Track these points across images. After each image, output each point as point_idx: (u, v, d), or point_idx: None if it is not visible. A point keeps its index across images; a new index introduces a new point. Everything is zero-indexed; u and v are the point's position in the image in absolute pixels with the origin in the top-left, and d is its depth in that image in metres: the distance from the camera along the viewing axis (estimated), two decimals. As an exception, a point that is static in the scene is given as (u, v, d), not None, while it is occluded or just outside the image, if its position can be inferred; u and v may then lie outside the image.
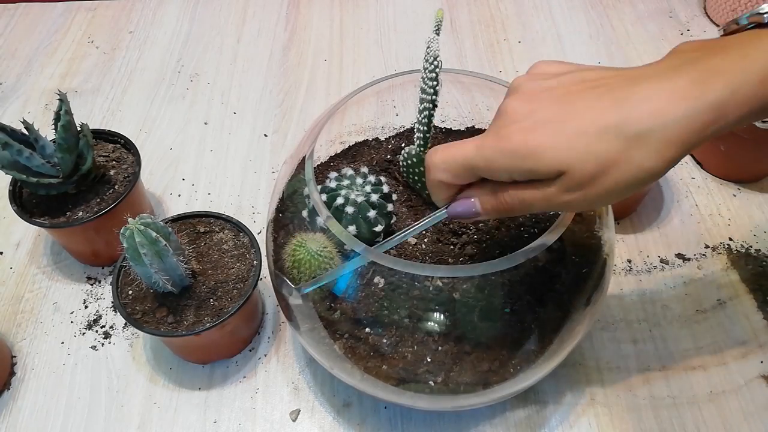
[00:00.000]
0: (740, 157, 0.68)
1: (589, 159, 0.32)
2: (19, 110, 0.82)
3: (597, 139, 0.31)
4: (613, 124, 0.31)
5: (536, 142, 0.33)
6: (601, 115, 0.32)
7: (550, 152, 0.32)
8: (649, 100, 0.31)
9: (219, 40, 0.92)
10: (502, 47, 0.88)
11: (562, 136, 0.32)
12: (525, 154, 0.33)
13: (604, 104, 0.32)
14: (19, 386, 0.57)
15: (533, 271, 0.45)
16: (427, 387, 0.45)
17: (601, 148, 0.31)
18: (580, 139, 0.32)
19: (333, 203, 0.48)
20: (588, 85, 0.34)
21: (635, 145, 0.31)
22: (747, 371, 0.55)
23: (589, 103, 0.32)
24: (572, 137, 0.32)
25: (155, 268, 0.48)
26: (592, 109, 0.32)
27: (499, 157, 0.34)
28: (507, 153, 0.34)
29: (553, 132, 0.33)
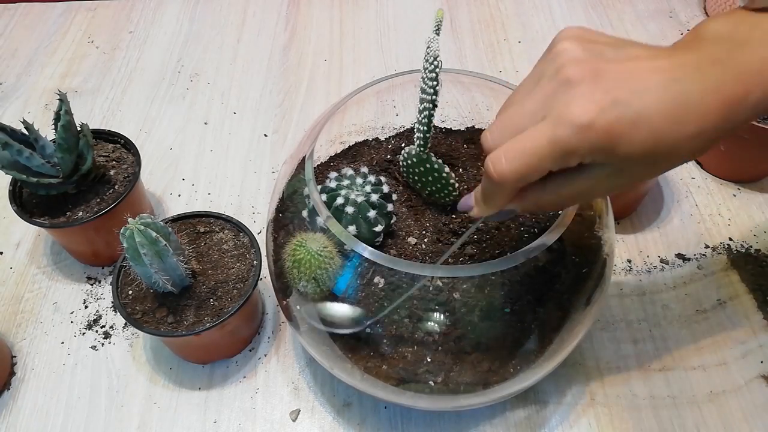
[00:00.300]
0: (740, 157, 0.68)
1: (654, 156, 0.32)
2: (19, 110, 0.82)
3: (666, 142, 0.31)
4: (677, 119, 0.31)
5: (618, 131, 0.31)
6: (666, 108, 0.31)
7: (626, 146, 0.31)
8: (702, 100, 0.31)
9: (219, 40, 0.92)
10: (502, 47, 0.88)
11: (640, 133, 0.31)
12: (606, 142, 0.31)
13: (667, 96, 0.31)
14: (19, 386, 0.57)
15: (533, 271, 0.45)
16: (427, 387, 0.45)
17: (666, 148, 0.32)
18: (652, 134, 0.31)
19: (333, 203, 0.48)
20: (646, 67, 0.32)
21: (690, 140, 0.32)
22: (747, 371, 0.55)
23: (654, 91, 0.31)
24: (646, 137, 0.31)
25: (155, 268, 0.48)
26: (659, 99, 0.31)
27: (578, 145, 0.31)
28: (587, 141, 0.31)
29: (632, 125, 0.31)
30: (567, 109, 0.31)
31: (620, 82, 0.31)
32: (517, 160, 0.33)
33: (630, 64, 0.32)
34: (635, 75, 0.32)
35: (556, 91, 0.33)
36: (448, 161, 0.53)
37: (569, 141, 0.31)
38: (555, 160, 0.32)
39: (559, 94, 0.32)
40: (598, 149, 0.31)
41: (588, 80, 0.32)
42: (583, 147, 0.31)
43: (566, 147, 0.31)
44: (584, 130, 0.31)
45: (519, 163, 0.33)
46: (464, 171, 0.56)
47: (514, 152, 0.33)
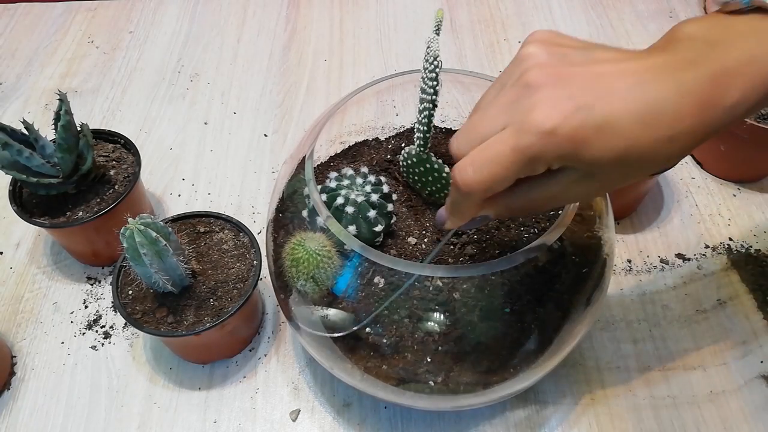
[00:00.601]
0: (740, 157, 0.68)
1: (622, 163, 0.31)
2: (19, 110, 0.82)
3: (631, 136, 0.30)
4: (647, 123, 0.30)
5: (582, 136, 0.30)
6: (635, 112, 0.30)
7: (593, 148, 0.30)
8: (676, 104, 0.30)
9: (219, 40, 0.92)
10: (502, 47, 0.88)
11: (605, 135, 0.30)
12: (572, 149, 0.30)
13: (636, 100, 0.30)
14: (19, 386, 0.57)
15: (533, 271, 0.45)
16: (427, 387, 0.45)
17: (635, 155, 0.31)
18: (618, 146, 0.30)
19: (333, 203, 0.48)
20: (612, 70, 0.31)
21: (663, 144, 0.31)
22: (747, 371, 0.55)
23: (623, 94, 0.31)
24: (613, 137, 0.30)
25: (155, 268, 0.48)
26: (627, 103, 0.30)
27: (543, 152, 0.31)
28: (553, 146, 0.31)
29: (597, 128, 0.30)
30: (529, 116, 0.31)
31: (585, 87, 0.31)
32: (482, 169, 0.32)
33: (597, 68, 0.32)
34: (602, 79, 0.31)
35: (519, 97, 0.32)
36: (448, 161, 0.53)
37: (532, 148, 0.31)
38: (520, 168, 0.32)
39: (522, 99, 0.32)
40: (563, 156, 0.31)
41: (550, 85, 0.31)
42: (547, 154, 0.31)
43: (530, 154, 0.31)
44: (547, 136, 0.30)
45: (485, 173, 0.32)
46: (464, 171, 0.56)
47: (479, 162, 0.32)
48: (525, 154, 0.31)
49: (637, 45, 0.87)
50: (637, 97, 0.30)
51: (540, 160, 0.31)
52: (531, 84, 0.32)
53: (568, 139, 0.30)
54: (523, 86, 0.32)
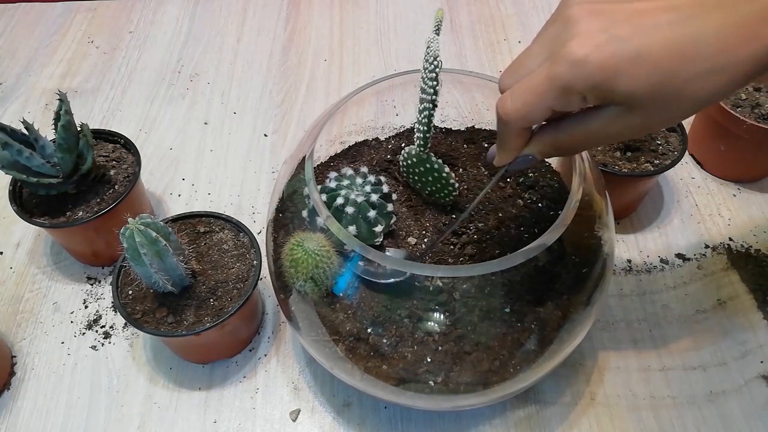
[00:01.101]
0: (740, 157, 0.68)
1: (661, 94, 0.31)
2: (19, 110, 0.82)
3: (671, 77, 0.31)
4: (689, 60, 0.31)
5: (614, 64, 0.31)
6: (676, 46, 0.31)
7: (626, 78, 0.31)
8: (718, 37, 0.30)
9: (219, 39, 0.92)
10: (502, 47, 0.88)
11: (640, 64, 0.31)
12: (603, 77, 0.31)
13: (677, 32, 0.31)
14: (19, 386, 0.57)
15: (533, 271, 0.45)
16: (427, 387, 0.45)
17: (672, 85, 0.31)
18: (656, 69, 0.31)
19: (333, 203, 0.48)
20: (655, 5, 0.32)
21: (704, 79, 0.31)
22: (747, 371, 0.55)
23: (662, 29, 0.31)
24: (648, 67, 0.31)
25: (155, 268, 0.48)
26: (667, 37, 0.31)
27: (575, 81, 0.32)
28: (584, 75, 0.31)
29: (631, 58, 0.31)
30: (564, 47, 0.32)
31: (623, 20, 0.31)
32: (519, 98, 0.34)
33: (639, 4, 0.32)
34: (642, 13, 0.31)
35: (559, 32, 0.33)
36: (448, 161, 0.53)
37: (564, 77, 0.32)
38: (554, 97, 0.33)
39: (561, 33, 0.33)
40: (595, 86, 0.31)
41: (588, 18, 0.32)
42: (579, 83, 0.32)
43: (562, 83, 0.32)
44: (578, 65, 0.31)
45: (521, 101, 0.34)
46: (464, 171, 0.56)
47: (517, 92, 0.34)
48: (557, 82, 0.32)
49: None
50: (676, 31, 0.31)
51: (572, 90, 0.32)
52: (571, 18, 0.33)
53: (599, 68, 0.31)
54: (563, 21, 0.33)
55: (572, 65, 0.31)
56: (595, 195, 0.48)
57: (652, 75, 0.31)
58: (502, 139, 0.38)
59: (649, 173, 0.60)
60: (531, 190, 0.55)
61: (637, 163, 0.61)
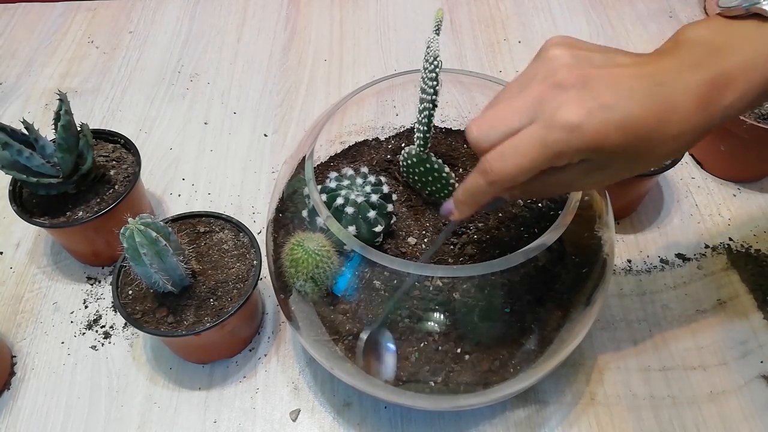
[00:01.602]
0: (740, 157, 0.68)
1: (636, 154, 0.34)
2: (19, 110, 0.82)
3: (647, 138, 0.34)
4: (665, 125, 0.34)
5: (605, 133, 0.33)
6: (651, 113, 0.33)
7: (612, 144, 0.33)
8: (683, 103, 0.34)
9: (219, 40, 0.92)
10: (502, 47, 0.88)
11: (624, 133, 0.33)
12: (595, 145, 0.33)
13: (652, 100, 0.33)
14: (19, 386, 0.57)
15: (533, 271, 0.45)
16: (427, 387, 0.45)
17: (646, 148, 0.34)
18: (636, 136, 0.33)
19: (333, 203, 0.48)
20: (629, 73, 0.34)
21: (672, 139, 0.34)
22: (747, 371, 0.55)
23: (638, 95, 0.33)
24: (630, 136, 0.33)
25: (155, 268, 0.48)
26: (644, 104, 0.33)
27: (568, 148, 0.33)
28: (578, 143, 0.33)
29: (617, 126, 0.33)
30: (557, 113, 0.33)
31: (608, 88, 0.33)
32: (509, 161, 0.35)
33: (617, 71, 0.34)
34: (622, 81, 0.34)
35: (547, 95, 0.34)
36: (448, 161, 0.53)
37: (559, 143, 0.33)
38: (546, 161, 0.34)
39: (550, 97, 0.34)
40: (586, 150, 0.34)
41: (578, 86, 0.33)
42: (572, 148, 0.33)
43: (557, 149, 0.33)
44: (574, 131, 0.33)
45: (511, 164, 0.34)
46: (464, 171, 0.56)
47: (507, 154, 0.35)
48: (552, 148, 0.33)
49: (636, 45, 0.87)
50: (652, 97, 0.33)
51: (565, 154, 0.34)
52: (561, 83, 0.34)
53: (592, 135, 0.33)
54: (552, 85, 0.34)
55: (568, 131, 0.33)
56: (595, 195, 0.48)
57: (634, 138, 0.33)
58: (474, 196, 0.38)
59: (649, 173, 0.60)
60: (531, 190, 0.54)
61: (637, 163, 0.60)
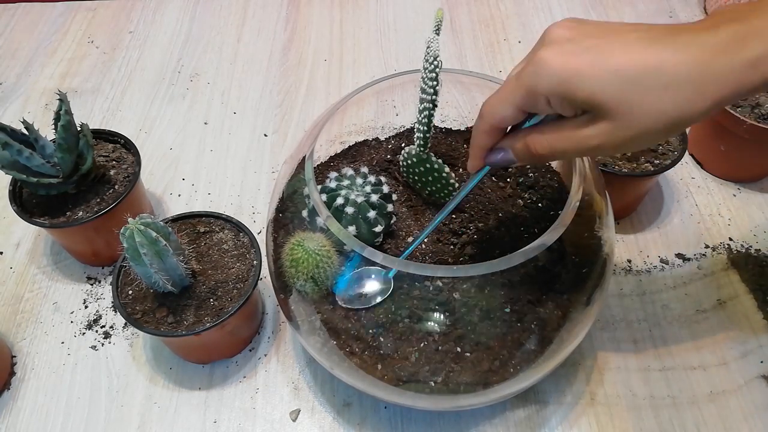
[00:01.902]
0: (740, 157, 0.68)
1: (623, 99, 0.32)
2: (19, 110, 0.82)
3: (633, 82, 0.32)
4: (652, 68, 0.32)
5: (575, 67, 0.33)
6: (639, 56, 0.32)
7: (587, 81, 0.32)
8: (689, 50, 0.31)
9: (219, 40, 0.92)
10: (502, 47, 0.88)
11: (600, 69, 0.32)
12: (563, 77, 0.33)
13: (643, 46, 0.32)
14: (19, 386, 0.57)
15: (533, 271, 0.45)
16: (427, 387, 0.45)
17: (635, 91, 0.32)
18: (617, 77, 0.32)
19: (333, 203, 0.48)
20: (629, 28, 0.34)
21: (669, 90, 0.32)
22: (747, 371, 0.55)
23: (631, 44, 0.33)
24: (610, 73, 0.32)
25: (155, 268, 0.48)
26: (633, 50, 0.32)
27: (536, 80, 0.34)
28: (545, 76, 0.34)
29: (593, 62, 0.32)
30: (535, 54, 0.35)
31: (594, 34, 0.34)
32: (493, 96, 0.38)
33: (615, 26, 0.34)
34: (615, 31, 0.34)
35: (536, 48, 0.36)
36: (448, 161, 0.53)
37: (528, 76, 0.34)
38: (521, 96, 0.35)
39: (537, 49, 0.36)
40: (556, 86, 0.33)
41: (561, 31, 0.35)
42: (542, 83, 0.34)
43: (527, 82, 0.35)
44: (541, 65, 0.34)
45: (493, 98, 0.38)
46: (464, 171, 0.56)
47: (494, 93, 0.38)
48: (522, 81, 0.35)
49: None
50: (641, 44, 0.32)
51: (537, 90, 0.34)
52: (547, 32, 0.36)
53: (561, 68, 0.33)
54: (542, 41, 0.36)
55: (536, 65, 0.34)
56: (595, 195, 0.48)
57: (613, 80, 0.32)
58: (473, 138, 0.40)
59: (649, 173, 0.60)
60: (531, 190, 0.55)
61: (637, 163, 0.61)
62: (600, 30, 0.34)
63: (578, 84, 0.33)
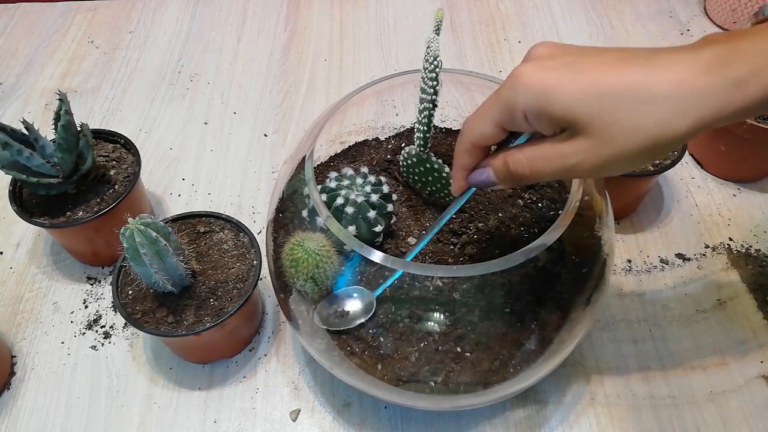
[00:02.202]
0: (740, 157, 0.68)
1: (601, 115, 0.31)
2: (19, 110, 0.82)
3: (611, 97, 0.31)
4: (630, 84, 0.31)
5: (552, 81, 0.32)
6: (619, 74, 0.31)
7: (563, 96, 0.32)
8: (669, 69, 0.31)
9: (219, 40, 0.92)
10: (502, 47, 0.88)
11: (578, 84, 0.32)
12: (540, 92, 0.33)
13: (624, 64, 0.32)
14: (19, 386, 0.57)
15: (533, 271, 0.45)
16: (427, 387, 0.45)
17: (613, 106, 0.31)
18: (594, 92, 0.31)
19: (333, 203, 0.48)
20: (610, 50, 0.34)
21: (649, 107, 0.31)
22: (747, 371, 0.55)
23: (610, 62, 0.32)
24: (587, 88, 0.31)
25: (155, 268, 0.48)
26: (612, 67, 0.32)
27: (514, 95, 0.34)
28: (522, 90, 0.33)
29: (570, 77, 0.32)
30: (514, 70, 0.34)
31: (575, 52, 0.34)
32: (473, 114, 0.37)
33: (596, 50, 0.34)
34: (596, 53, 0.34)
35: (517, 66, 0.35)
36: (448, 161, 0.53)
37: (506, 92, 0.34)
38: (499, 112, 0.35)
39: (518, 66, 0.35)
40: (532, 100, 0.33)
41: (541, 49, 0.35)
42: (519, 98, 0.34)
43: (505, 98, 0.35)
44: (518, 80, 0.34)
45: (473, 116, 0.37)
46: (464, 171, 0.56)
47: (476, 111, 0.38)
48: (500, 96, 0.35)
49: (636, 45, 0.87)
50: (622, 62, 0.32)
51: (514, 106, 0.34)
52: (528, 55, 0.36)
53: (537, 81, 0.33)
54: (524, 59, 0.36)
55: (514, 80, 0.34)
56: (595, 195, 0.48)
57: (590, 95, 0.31)
58: (455, 158, 0.40)
59: (649, 173, 0.60)
60: (531, 190, 0.55)
61: (637, 163, 0.60)
62: (581, 50, 0.34)
63: (555, 99, 0.32)
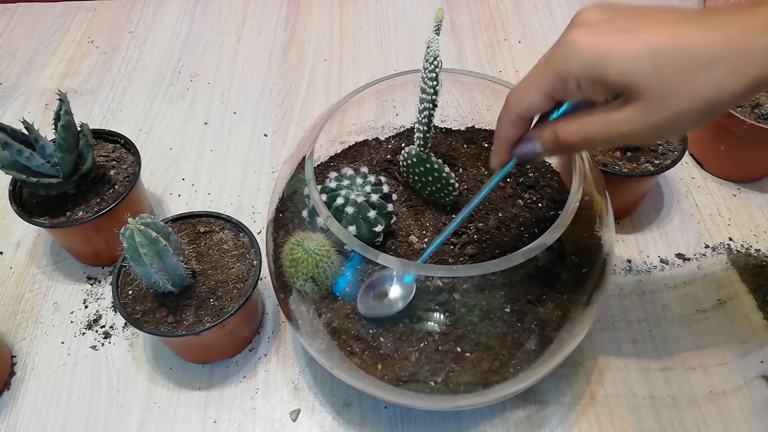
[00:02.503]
0: (740, 157, 0.68)
1: (657, 79, 0.31)
2: (19, 110, 0.82)
3: (667, 60, 0.30)
4: (687, 46, 0.30)
5: (607, 46, 0.31)
6: (675, 35, 0.31)
7: (619, 60, 0.31)
8: (727, 28, 0.30)
9: (219, 40, 0.92)
10: (502, 47, 0.88)
11: (633, 48, 0.31)
12: (594, 58, 0.31)
13: (679, 25, 0.31)
14: (19, 386, 0.57)
15: (533, 271, 0.45)
16: (427, 387, 0.45)
17: (669, 69, 0.30)
18: (650, 55, 0.31)
19: (333, 203, 0.48)
20: (664, 9, 0.32)
21: (705, 69, 0.30)
22: (747, 371, 0.55)
23: (665, 22, 0.31)
24: (643, 52, 0.31)
25: (155, 268, 0.48)
26: (668, 29, 0.31)
27: (566, 63, 0.32)
28: (575, 57, 0.32)
29: (625, 41, 0.31)
30: (564, 37, 0.33)
31: (628, 15, 0.32)
32: (519, 84, 0.36)
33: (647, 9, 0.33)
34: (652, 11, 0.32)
35: (565, 32, 0.34)
36: (448, 161, 0.53)
37: (558, 59, 0.33)
38: (550, 80, 0.34)
39: (566, 32, 0.34)
40: (586, 66, 0.32)
41: (592, 13, 0.34)
42: (572, 64, 0.32)
43: (557, 65, 0.33)
44: (571, 46, 0.32)
45: (520, 86, 0.35)
46: (464, 171, 0.56)
47: (520, 81, 0.36)
48: (551, 64, 0.33)
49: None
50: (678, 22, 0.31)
51: (567, 74, 0.33)
52: (578, 15, 0.34)
53: (591, 46, 0.31)
54: (570, 25, 0.34)
55: (565, 47, 0.32)
56: (595, 195, 0.48)
57: (646, 59, 0.30)
58: (497, 131, 0.38)
59: (649, 173, 0.60)
60: (531, 190, 0.55)
61: (637, 163, 0.61)
62: (633, 11, 0.33)
63: (610, 64, 0.31)
